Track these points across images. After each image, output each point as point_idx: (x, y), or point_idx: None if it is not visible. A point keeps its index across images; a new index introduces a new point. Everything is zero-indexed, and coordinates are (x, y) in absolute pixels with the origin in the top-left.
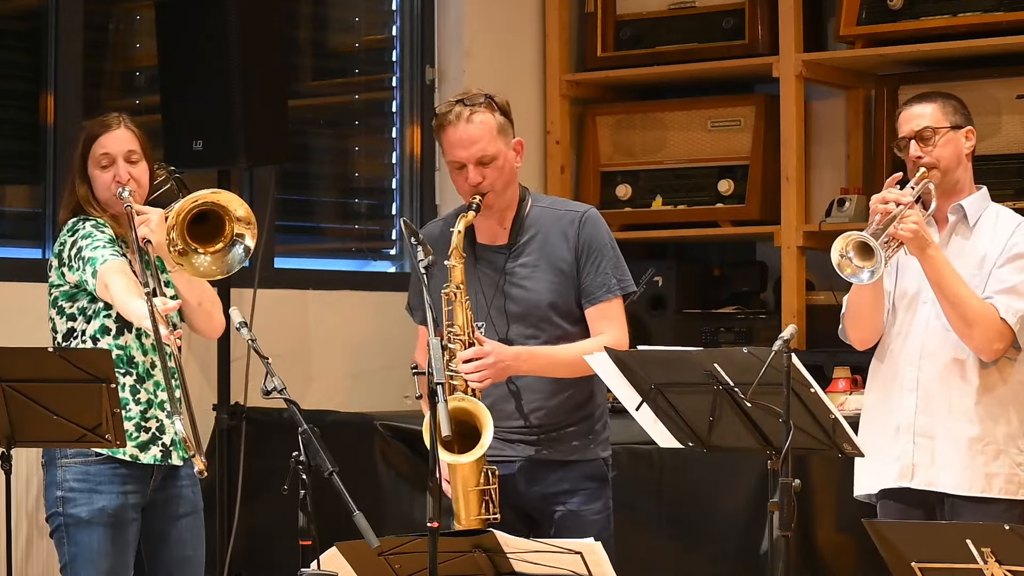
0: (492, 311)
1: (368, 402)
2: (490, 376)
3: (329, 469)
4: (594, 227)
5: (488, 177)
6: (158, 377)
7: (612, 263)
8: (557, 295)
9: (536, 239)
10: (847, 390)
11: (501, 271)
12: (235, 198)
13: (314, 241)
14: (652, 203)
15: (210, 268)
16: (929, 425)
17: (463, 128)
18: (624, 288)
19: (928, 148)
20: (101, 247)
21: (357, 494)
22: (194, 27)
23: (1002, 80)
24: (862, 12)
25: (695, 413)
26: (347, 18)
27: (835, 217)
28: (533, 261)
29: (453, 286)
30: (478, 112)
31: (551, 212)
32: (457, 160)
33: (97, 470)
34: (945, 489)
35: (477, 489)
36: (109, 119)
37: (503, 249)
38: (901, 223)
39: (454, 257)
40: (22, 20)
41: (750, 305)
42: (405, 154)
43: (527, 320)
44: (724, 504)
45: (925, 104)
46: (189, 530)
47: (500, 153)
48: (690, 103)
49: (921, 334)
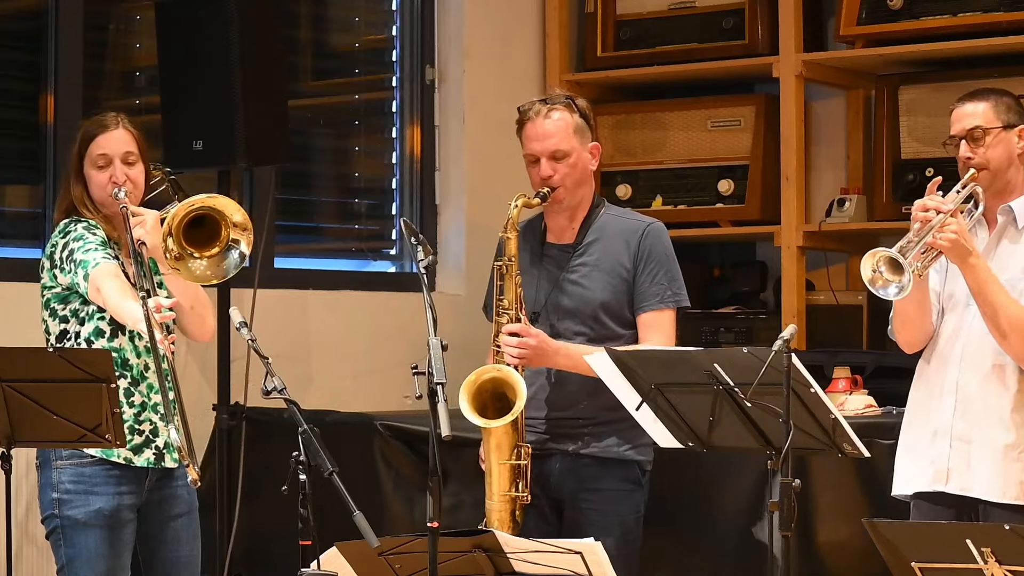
0: (548, 304)
1: (368, 402)
2: (528, 356)
3: (329, 469)
4: (656, 239)
5: (559, 172)
6: (152, 380)
7: (669, 275)
8: (611, 296)
9: (600, 242)
10: (847, 390)
11: (563, 267)
12: (231, 203)
13: (314, 241)
14: (652, 203)
15: (205, 273)
16: (966, 430)
17: (540, 123)
18: (677, 301)
19: (978, 148)
20: (93, 250)
21: (357, 494)
22: (194, 27)
23: (1002, 80)
24: (862, 12)
25: (695, 413)
26: (347, 18)
27: (835, 217)
28: (594, 261)
29: (506, 259)
30: (556, 109)
31: (619, 220)
32: (532, 153)
33: (92, 472)
34: (979, 495)
35: (509, 464)
36: (107, 119)
37: (568, 248)
38: (940, 232)
39: (509, 231)
40: (22, 20)
41: (750, 305)
42: (405, 154)
43: (578, 316)
44: (724, 504)
45: (977, 102)
46: (185, 530)
47: (574, 151)
48: (690, 103)
49: (963, 337)
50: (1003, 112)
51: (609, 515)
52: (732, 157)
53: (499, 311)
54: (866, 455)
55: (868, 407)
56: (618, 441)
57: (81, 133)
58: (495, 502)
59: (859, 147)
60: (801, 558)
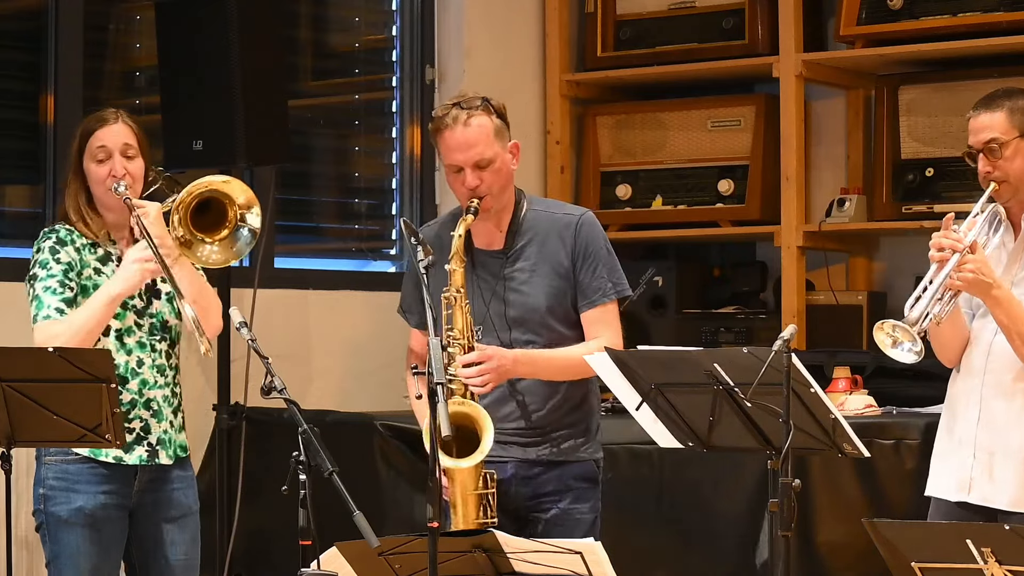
0: (491, 316)
1: (368, 402)
2: (492, 380)
3: (329, 469)
4: (590, 231)
5: (485, 180)
6: (145, 375)
7: (608, 267)
8: (555, 300)
9: (533, 243)
10: (847, 390)
11: (499, 276)
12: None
13: (314, 241)
14: (652, 203)
15: (218, 256)
16: (989, 440)
17: (460, 132)
18: (620, 292)
19: (997, 161)
20: (49, 292)
21: (357, 494)
22: (194, 27)
23: (1002, 80)
24: (862, 12)
25: (695, 413)
26: (347, 18)
27: (835, 217)
28: (530, 266)
29: (454, 290)
30: (475, 115)
31: (547, 215)
32: (455, 164)
33: (76, 469)
34: (1001, 506)
35: (476, 493)
36: (106, 113)
37: (500, 254)
38: (958, 271)
39: (455, 261)
40: (22, 20)
41: (750, 305)
42: (405, 154)
43: (526, 325)
44: (724, 504)
45: (993, 112)
46: (181, 533)
47: (497, 156)
48: (690, 103)
49: (987, 346)
50: (1018, 119)
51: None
52: (732, 157)
53: (449, 341)
54: (866, 455)
55: (868, 407)
56: (573, 443)
57: (80, 129)
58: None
59: (859, 147)
60: (801, 558)
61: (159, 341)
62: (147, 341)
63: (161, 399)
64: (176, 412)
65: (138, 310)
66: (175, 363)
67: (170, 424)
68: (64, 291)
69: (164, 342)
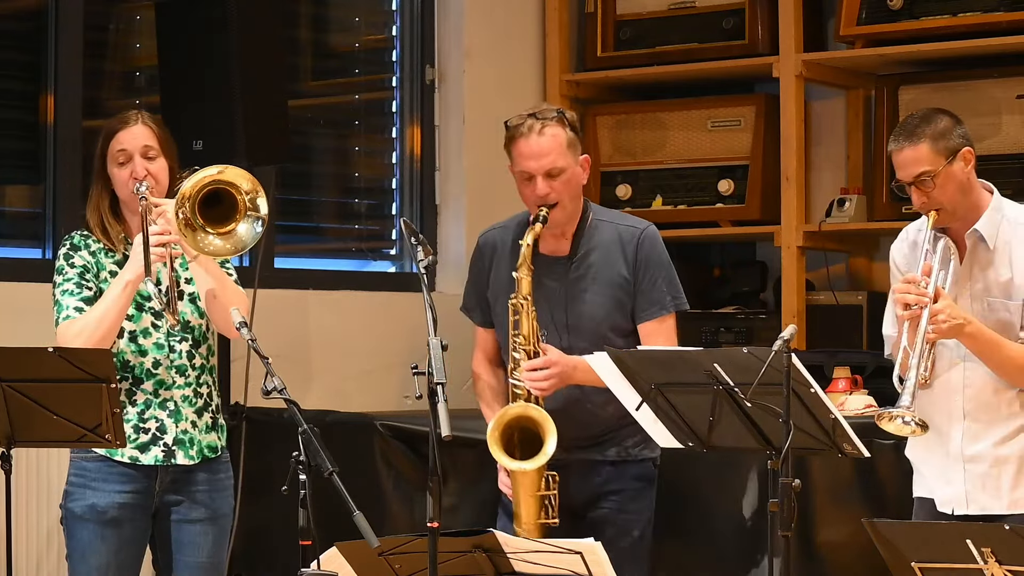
0: (553, 323)
1: (368, 402)
2: (555, 385)
3: (329, 469)
4: (652, 245)
5: (556, 189)
6: (162, 376)
7: (667, 280)
8: (615, 311)
9: (596, 252)
10: (847, 390)
11: (562, 283)
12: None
13: (314, 241)
14: (652, 203)
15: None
16: (978, 453)
17: (535, 140)
18: (678, 305)
19: (930, 191)
20: (67, 294)
21: (357, 494)
22: (194, 27)
23: (1002, 80)
24: (862, 12)
25: (695, 413)
26: (347, 18)
27: (835, 217)
28: (593, 275)
29: (520, 297)
30: (549, 125)
31: (612, 227)
32: (527, 171)
33: (94, 467)
34: (1001, 511)
35: (537, 495)
36: (127, 115)
37: (564, 261)
38: (931, 325)
39: (522, 270)
40: (22, 20)
41: (750, 305)
42: (405, 154)
43: (585, 334)
44: (724, 504)
45: (916, 145)
46: (204, 536)
47: (568, 167)
48: (690, 103)
49: (962, 361)
50: (942, 146)
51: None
52: (732, 157)
53: (515, 346)
54: (866, 455)
55: (868, 407)
56: (632, 442)
57: (103, 132)
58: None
59: (859, 147)
60: (801, 558)
61: (179, 342)
62: (166, 342)
63: (180, 399)
64: (202, 412)
65: (156, 312)
66: (201, 363)
67: (192, 425)
68: (82, 291)
69: (185, 342)
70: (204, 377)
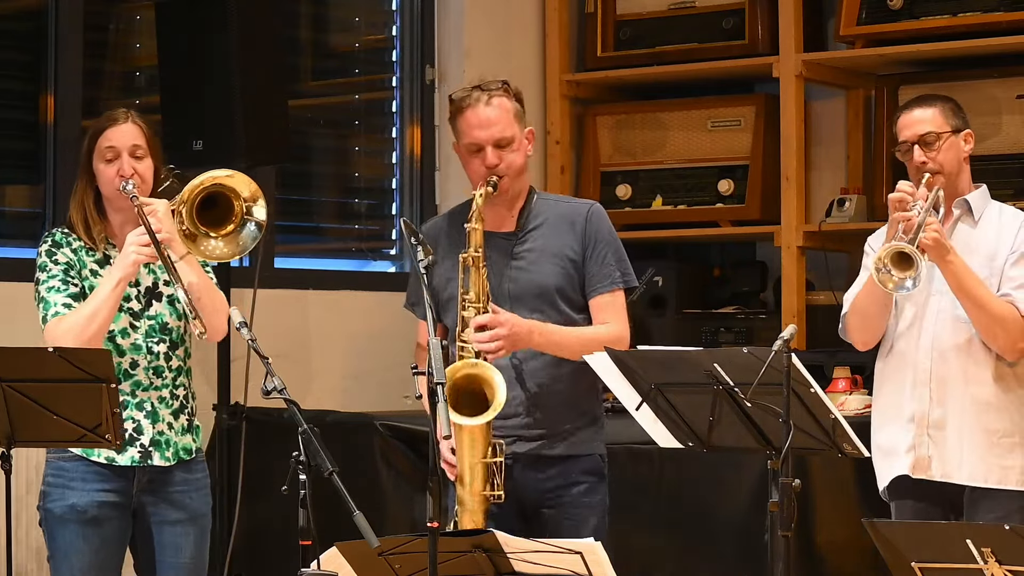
0: (498, 294)
1: (368, 402)
2: (504, 346)
3: (329, 469)
4: (600, 220)
5: (505, 160)
6: (139, 377)
7: (616, 256)
8: (563, 280)
9: (543, 227)
10: (847, 390)
11: (507, 255)
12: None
13: (314, 241)
14: (652, 203)
15: (223, 251)
16: (943, 417)
17: (483, 110)
18: (627, 282)
19: (932, 153)
20: (53, 291)
21: (357, 494)
22: (194, 27)
23: (1002, 80)
24: (862, 12)
25: (695, 413)
26: (347, 18)
27: (835, 217)
28: (540, 247)
29: (472, 250)
30: (496, 96)
31: (557, 204)
32: (476, 142)
33: (71, 467)
34: (961, 481)
35: (483, 462)
36: (116, 113)
37: (510, 236)
38: (924, 232)
39: (474, 220)
40: (22, 20)
41: (750, 305)
42: (405, 154)
43: (531, 303)
44: (724, 504)
45: (926, 108)
46: (185, 536)
47: (516, 137)
48: (690, 103)
49: (932, 326)
50: (951, 117)
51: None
52: (732, 157)
53: (464, 304)
54: (866, 455)
55: (868, 407)
56: (580, 436)
57: (91, 129)
58: (469, 502)
59: (859, 147)
60: (801, 558)
61: (157, 343)
62: (143, 343)
63: (156, 400)
64: (178, 414)
65: (134, 312)
66: (178, 365)
67: (168, 426)
68: (68, 287)
69: (163, 344)
70: (181, 379)
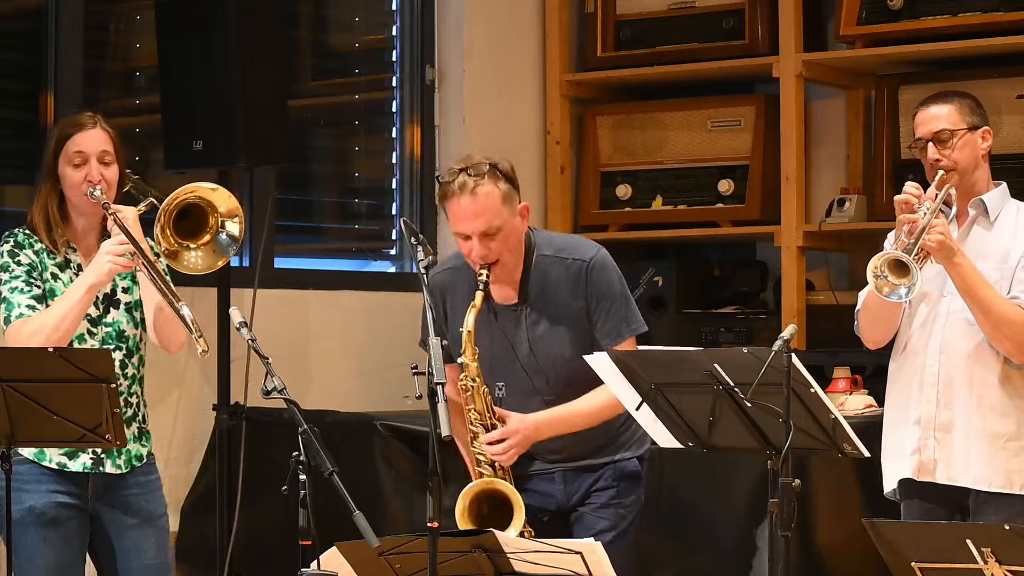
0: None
1: (368, 402)
2: (518, 452)
3: (329, 469)
4: (600, 274)
5: (494, 249)
6: None
7: (621, 309)
8: (580, 339)
9: (547, 291)
10: (847, 390)
11: (519, 328)
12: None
13: (314, 241)
14: (652, 203)
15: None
16: (951, 420)
17: (468, 201)
18: (634, 331)
19: (946, 151)
20: (17, 291)
21: (357, 494)
22: (194, 27)
23: (1002, 80)
24: (862, 12)
25: (695, 413)
26: (347, 18)
27: (835, 217)
28: (550, 316)
29: (468, 380)
30: (482, 184)
31: (558, 261)
32: (462, 232)
33: (24, 470)
34: (967, 484)
35: None
36: (83, 118)
37: (515, 308)
38: (928, 234)
39: (467, 354)
40: (22, 20)
41: (750, 305)
42: (405, 154)
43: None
44: (724, 504)
45: (942, 105)
46: (146, 539)
47: (505, 223)
48: (690, 103)
49: (941, 328)
50: (967, 114)
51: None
52: (732, 157)
53: (471, 420)
54: (866, 455)
55: (868, 407)
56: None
57: (57, 132)
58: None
59: (859, 147)
60: (801, 558)
61: (113, 351)
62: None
63: None
64: (131, 422)
65: (92, 319)
66: (133, 373)
67: None
68: (31, 289)
69: (119, 351)
70: (134, 387)
